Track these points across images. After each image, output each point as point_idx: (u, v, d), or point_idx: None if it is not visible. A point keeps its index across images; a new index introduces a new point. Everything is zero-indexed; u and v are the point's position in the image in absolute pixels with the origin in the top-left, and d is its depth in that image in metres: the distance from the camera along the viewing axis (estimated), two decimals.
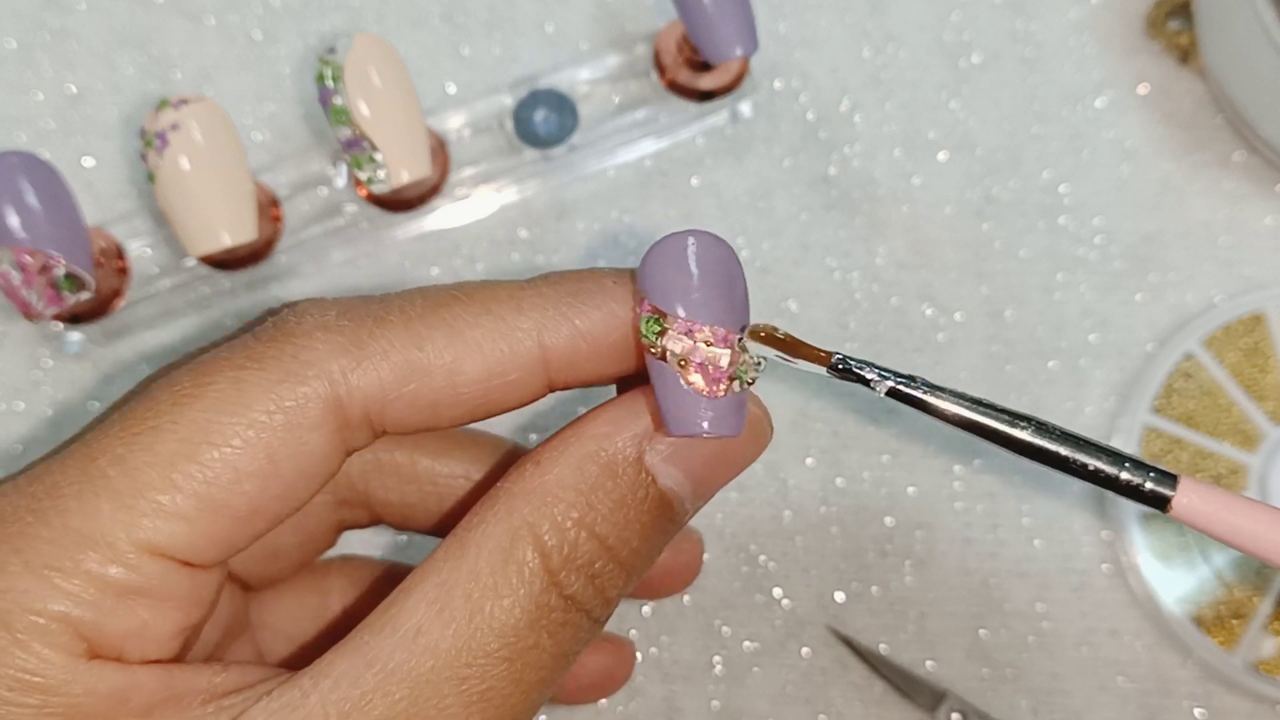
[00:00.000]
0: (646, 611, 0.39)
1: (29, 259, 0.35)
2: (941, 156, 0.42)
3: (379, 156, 0.37)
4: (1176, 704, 0.38)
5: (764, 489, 0.40)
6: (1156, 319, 0.41)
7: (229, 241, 0.37)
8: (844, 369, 0.24)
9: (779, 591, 0.39)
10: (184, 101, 0.36)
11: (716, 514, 0.40)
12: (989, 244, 0.41)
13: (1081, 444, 0.23)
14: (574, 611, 0.24)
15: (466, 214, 0.41)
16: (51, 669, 0.21)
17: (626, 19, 0.43)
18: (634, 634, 0.39)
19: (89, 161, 0.42)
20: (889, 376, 0.24)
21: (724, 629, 0.39)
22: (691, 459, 0.24)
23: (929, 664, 0.39)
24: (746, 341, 0.24)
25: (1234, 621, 0.38)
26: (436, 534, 0.31)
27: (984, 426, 0.23)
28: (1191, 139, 0.42)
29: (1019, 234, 0.41)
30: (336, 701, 0.22)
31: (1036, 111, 0.42)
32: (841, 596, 0.39)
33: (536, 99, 0.40)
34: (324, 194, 0.41)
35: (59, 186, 0.36)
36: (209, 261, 0.39)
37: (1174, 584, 0.38)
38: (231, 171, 0.36)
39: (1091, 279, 0.41)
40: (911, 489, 0.40)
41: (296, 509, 0.23)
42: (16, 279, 0.35)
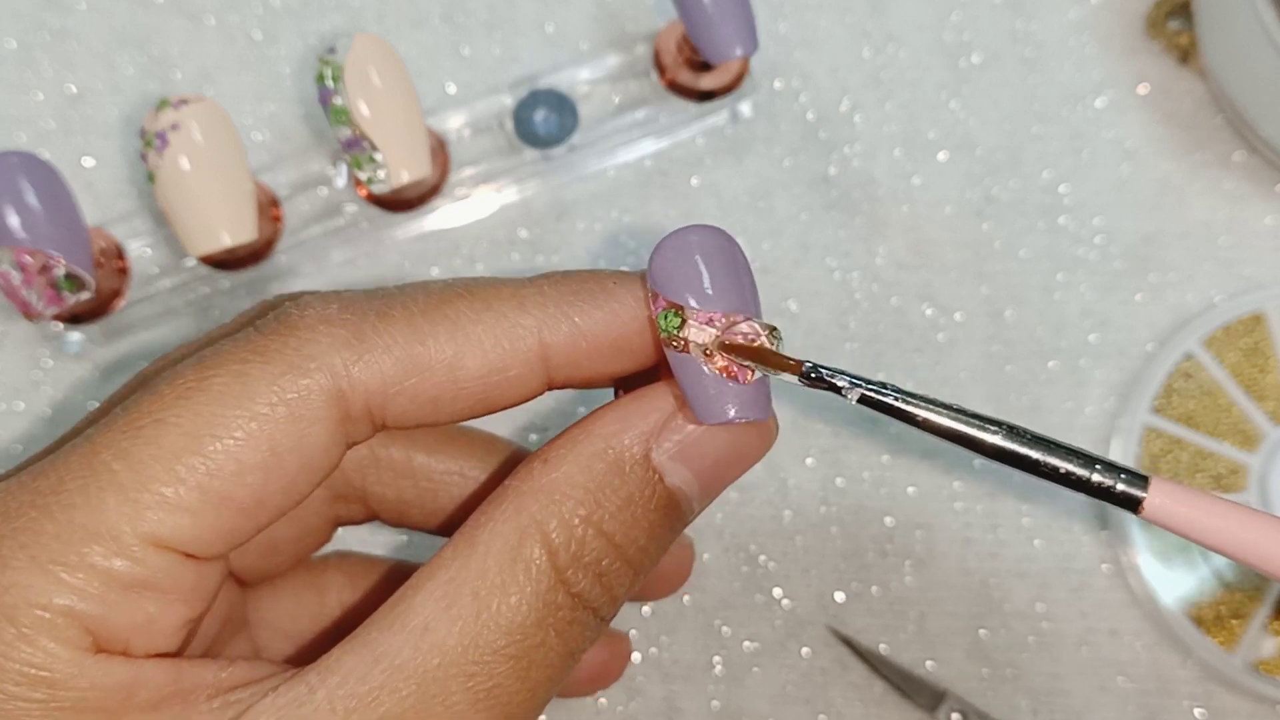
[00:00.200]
0: (646, 611, 0.39)
1: (29, 259, 0.35)
2: (941, 156, 0.42)
3: (379, 156, 0.37)
4: (1176, 704, 0.38)
5: (764, 489, 0.40)
6: (1156, 319, 0.41)
7: (229, 241, 0.37)
8: (815, 377, 0.24)
9: (779, 591, 0.39)
10: (184, 101, 0.36)
11: (716, 514, 0.40)
12: (989, 244, 0.41)
13: (1053, 447, 0.23)
14: (581, 609, 0.24)
15: (466, 214, 0.41)
16: (58, 663, 0.21)
17: (626, 19, 0.43)
18: (634, 634, 0.39)
19: (89, 161, 0.42)
20: (860, 384, 0.24)
21: (724, 629, 0.39)
22: (698, 457, 0.24)
23: (929, 664, 0.39)
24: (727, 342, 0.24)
25: (1234, 621, 0.38)
26: (432, 530, 0.32)
27: (956, 432, 0.23)
28: (1191, 139, 0.42)
29: (1019, 234, 0.41)
30: (344, 698, 0.22)
31: (1036, 111, 0.42)
32: (841, 596, 0.39)
33: (536, 99, 0.40)
34: (324, 194, 0.41)
35: (59, 186, 0.36)
36: (209, 261, 0.39)
37: (1174, 584, 0.38)
38: (231, 171, 0.36)
39: (1091, 279, 0.41)
40: (911, 489, 0.40)
41: (299, 501, 0.23)
42: (16, 279, 0.35)
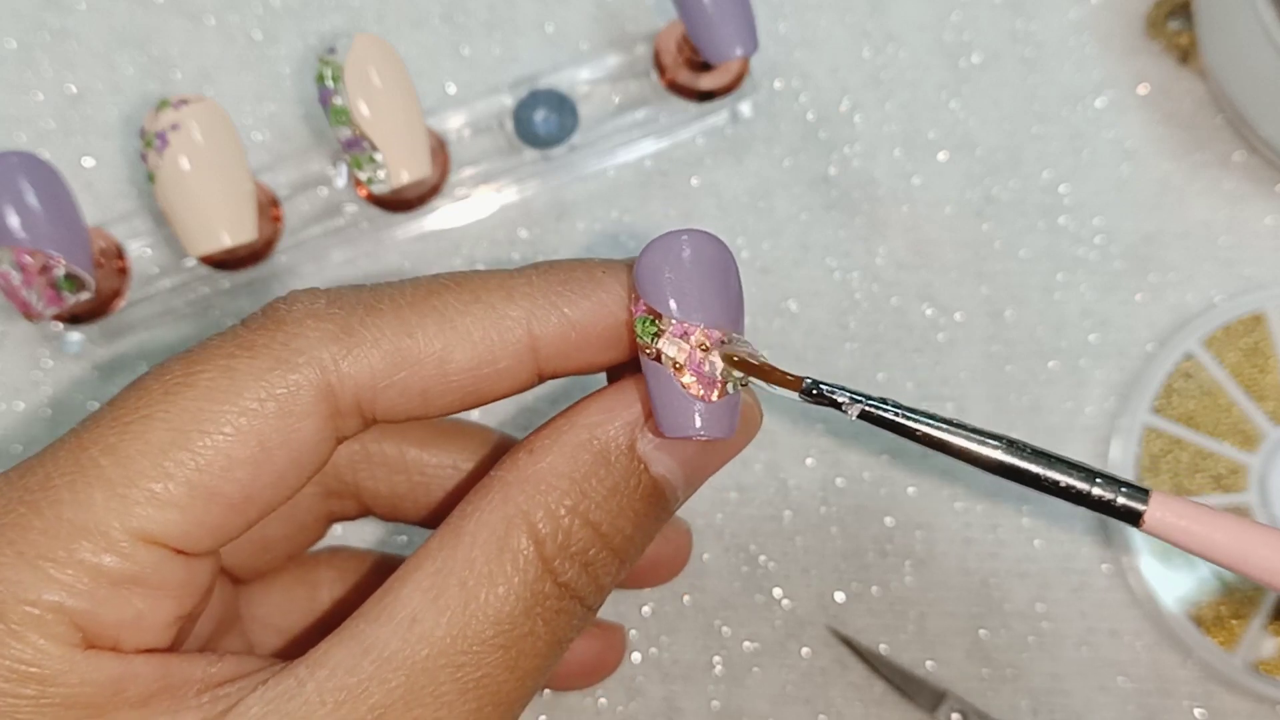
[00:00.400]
0: (646, 611, 0.39)
1: (29, 259, 0.35)
2: (941, 156, 0.42)
3: (379, 156, 0.37)
4: (1176, 704, 0.38)
5: (764, 489, 0.40)
6: (1156, 319, 0.41)
7: (229, 241, 0.37)
8: (816, 394, 0.24)
9: (779, 591, 0.39)
10: (184, 101, 0.36)
11: (716, 514, 0.40)
12: (989, 244, 0.41)
13: (1053, 461, 0.23)
14: (568, 599, 0.24)
15: (466, 214, 0.41)
16: (47, 659, 0.21)
17: (626, 19, 0.43)
18: (634, 634, 0.39)
19: (89, 161, 0.42)
20: (860, 400, 0.24)
21: (724, 629, 0.39)
22: (683, 447, 0.24)
23: (929, 664, 0.39)
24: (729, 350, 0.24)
25: (1234, 621, 0.38)
26: (425, 524, 0.32)
27: (956, 447, 0.23)
28: (1191, 139, 0.42)
29: (1019, 234, 0.41)
30: (333, 690, 0.22)
31: (1036, 111, 0.42)
32: (841, 596, 0.39)
33: (536, 99, 0.40)
34: (324, 194, 0.41)
35: (59, 186, 0.36)
36: (209, 261, 0.39)
37: (1174, 584, 0.38)
38: (231, 171, 0.37)
39: (1091, 279, 0.41)
40: (911, 489, 0.40)
41: (288, 497, 0.23)
42: (16, 279, 0.35)
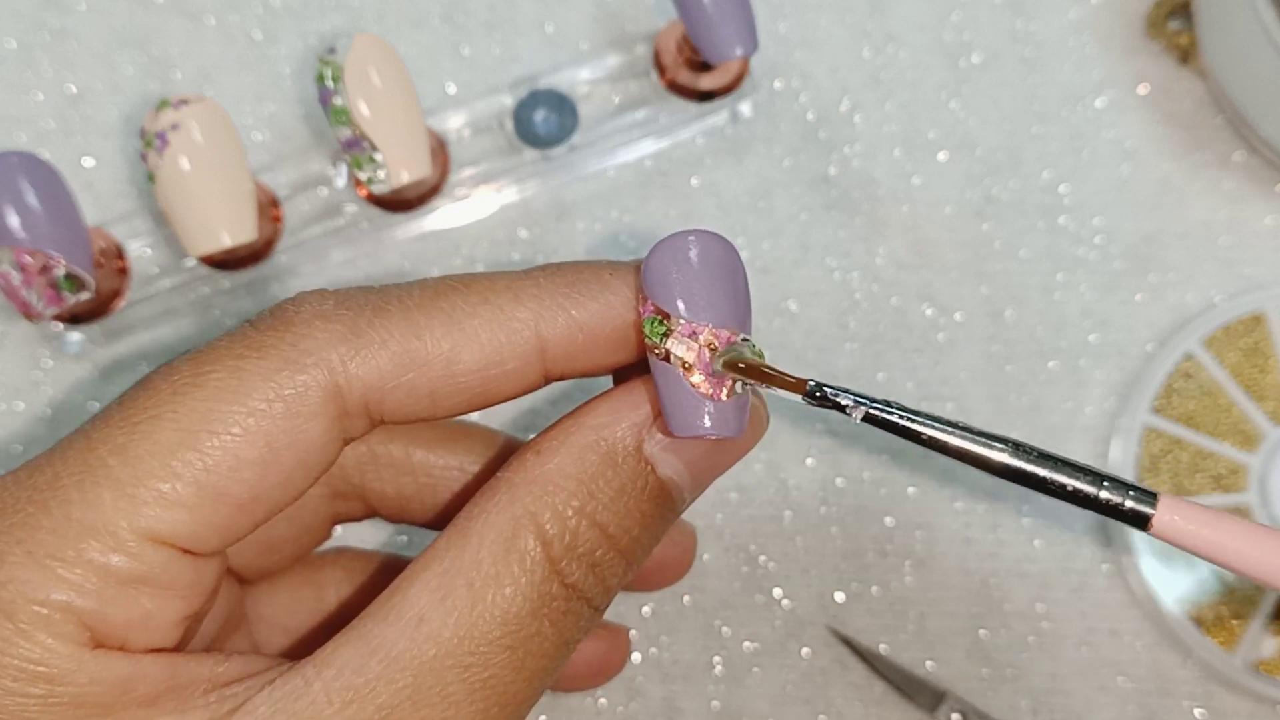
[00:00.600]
0: (646, 611, 0.39)
1: (29, 259, 0.35)
2: (941, 156, 0.42)
3: (379, 156, 0.37)
4: (1176, 704, 0.38)
5: (764, 489, 0.40)
6: (1156, 319, 0.41)
7: (229, 241, 0.37)
8: (820, 396, 0.24)
9: (779, 591, 0.39)
10: (184, 101, 0.36)
11: (716, 514, 0.40)
12: (989, 244, 0.41)
13: (1059, 464, 0.23)
14: (575, 600, 0.24)
15: (466, 214, 0.41)
16: (56, 659, 0.21)
17: (626, 19, 0.43)
18: (634, 634, 0.39)
19: (89, 161, 0.42)
20: (864, 402, 0.24)
21: (724, 629, 0.39)
22: (690, 448, 0.24)
23: (929, 664, 0.39)
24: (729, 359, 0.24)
25: (1234, 621, 0.38)
26: (431, 526, 0.32)
27: (961, 450, 0.23)
28: (1191, 139, 0.42)
29: (1019, 234, 0.41)
30: (340, 690, 0.22)
31: (1036, 111, 0.42)
32: (841, 596, 0.39)
33: (536, 99, 0.40)
34: (324, 194, 0.41)
35: (59, 186, 0.36)
36: (209, 261, 0.39)
37: (1174, 584, 0.38)
38: (231, 171, 0.36)
39: (1091, 279, 0.41)
40: (911, 489, 0.40)
41: (296, 497, 0.23)
42: (16, 279, 0.35)
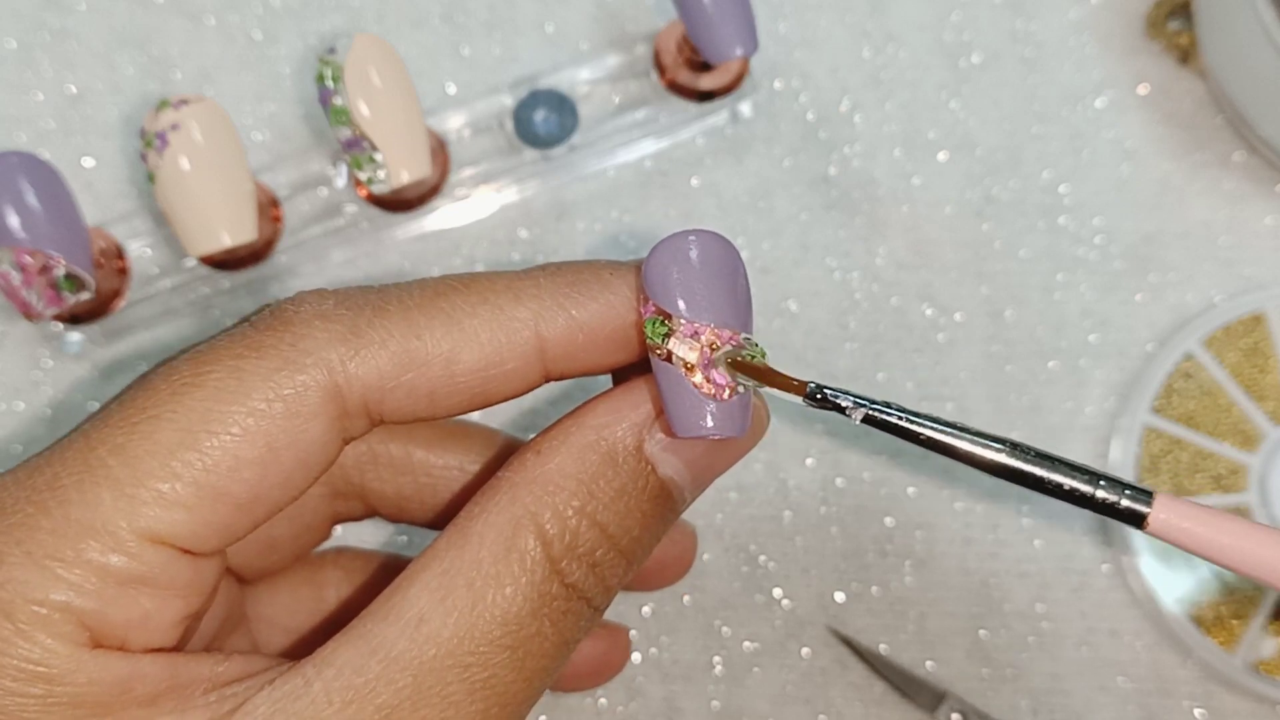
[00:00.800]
0: (646, 611, 0.39)
1: (29, 259, 0.35)
2: (941, 156, 0.42)
3: (379, 156, 0.37)
4: (1176, 704, 0.38)
5: (764, 489, 0.40)
6: (1156, 319, 0.41)
7: (229, 241, 0.37)
8: (820, 398, 0.24)
9: (779, 591, 0.39)
10: (184, 101, 0.36)
11: (716, 514, 0.40)
12: (989, 244, 0.41)
13: (1056, 463, 0.23)
14: (575, 600, 0.24)
15: (466, 214, 0.41)
16: (55, 659, 0.21)
17: (626, 19, 0.43)
18: (634, 634, 0.39)
19: (89, 161, 0.42)
20: (864, 404, 0.24)
21: (724, 629, 0.39)
22: (690, 448, 0.24)
23: (929, 664, 0.39)
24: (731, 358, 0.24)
25: (1234, 621, 0.38)
26: (431, 526, 0.32)
27: (959, 450, 0.24)
28: (1191, 139, 0.42)
29: (1019, 234, 0.41)
30: (340, 689, 0.22)
31: (1036, 111, 0.42)
32: (841, 596, 0.39)
33: (536, 99, 0.40)
34: (324, 194, 0.41)
35: (59, 186, 0.36)
36: (209, 261, 0.39)
37: (1174, 584, 0.38)
38: (231, 171, 0.36)
39: (1091, 279, 0.41)
40: (911, 489, 0.40)
41: (296, 497, 0.23)
42: (16, 279, 0.35)
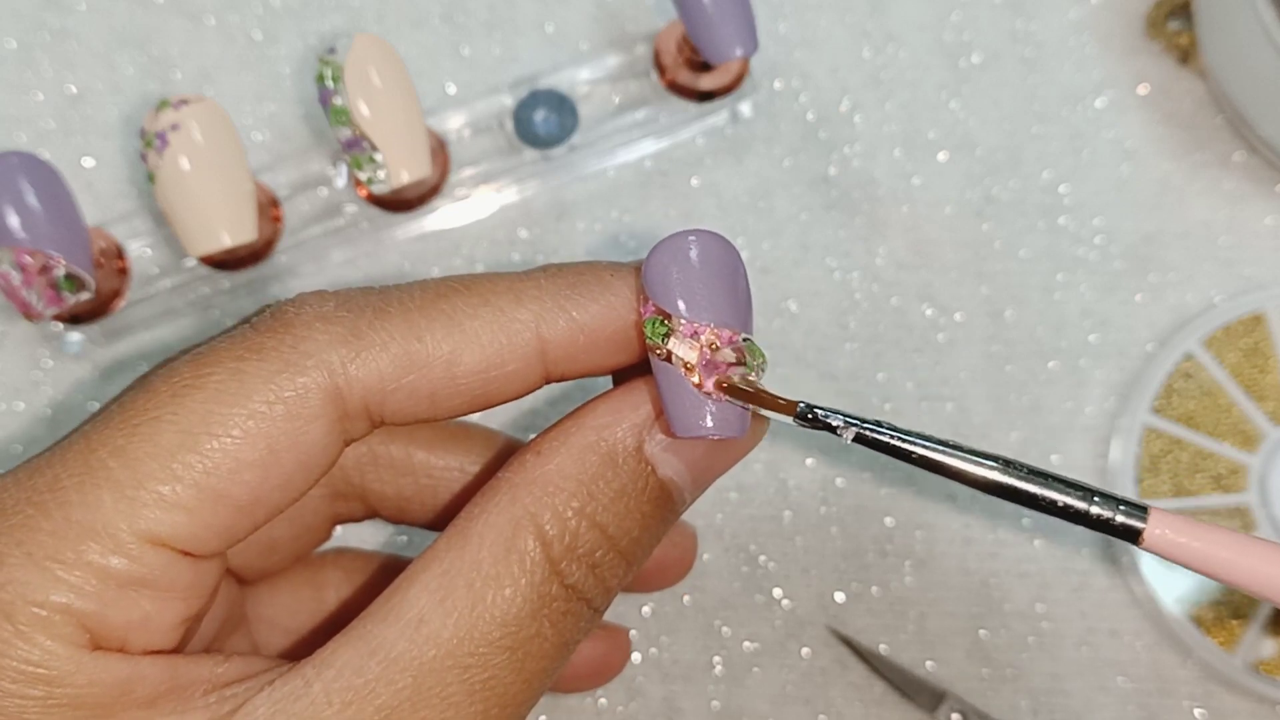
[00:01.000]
0: (646, 611, 0.39)
1: (29, 259, 0.35)
2: (941, 156, 0.42)
3: (379, 156, 0.37)
4: (1176, 704, 0.38)
5: (764, 489, 0.40)
6: (1156, 319, 0.41)
7: (229, 241, 0.37)
8: (810, 418, 0.24)
9: (779, 591, 0.39)
10: (184, 101, 0.36)
11: (716, 514, 0.40)
12: (989, 244, 0.41)
13: (1050, 480, 0.23)
14: (575, 601, 0.24)
15: (466, 214, 0.41)
16: (55, 660, 0.21)
17: (626, 19, 0.43)
18: (634, 634, 0.39)
19: (89, 161, 0.42)
20: (854, 423, 0.24)
21: (724, 629, 0.39)
22: (690, 449, 0.25)
23: (929, 664, 0.39)
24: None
25: (1234, 621, 0.38)
26: (431, 527, 0.32)
27: (951, 468, 0.23)
28: (1191, 139, 0.42)
29: (1019, 234, 0.41)
30: (340, 690, 0.22)
31: (1036, 111, 0.42)
32: (841, 596, 0.39)
33: (536, 99, 0.40)
34: (324, 194, 0.41)
35: (59, 186, 0.36)
36: (209, 261, 0.39)
37: (1174, 584, 0.38)
38: (231, 171, 0.36)
39: (1091, 279, 0.41)
40: (911, 489, 0.40)
41: (296, 499, 0.23)
42: (16, 279, 0.35)
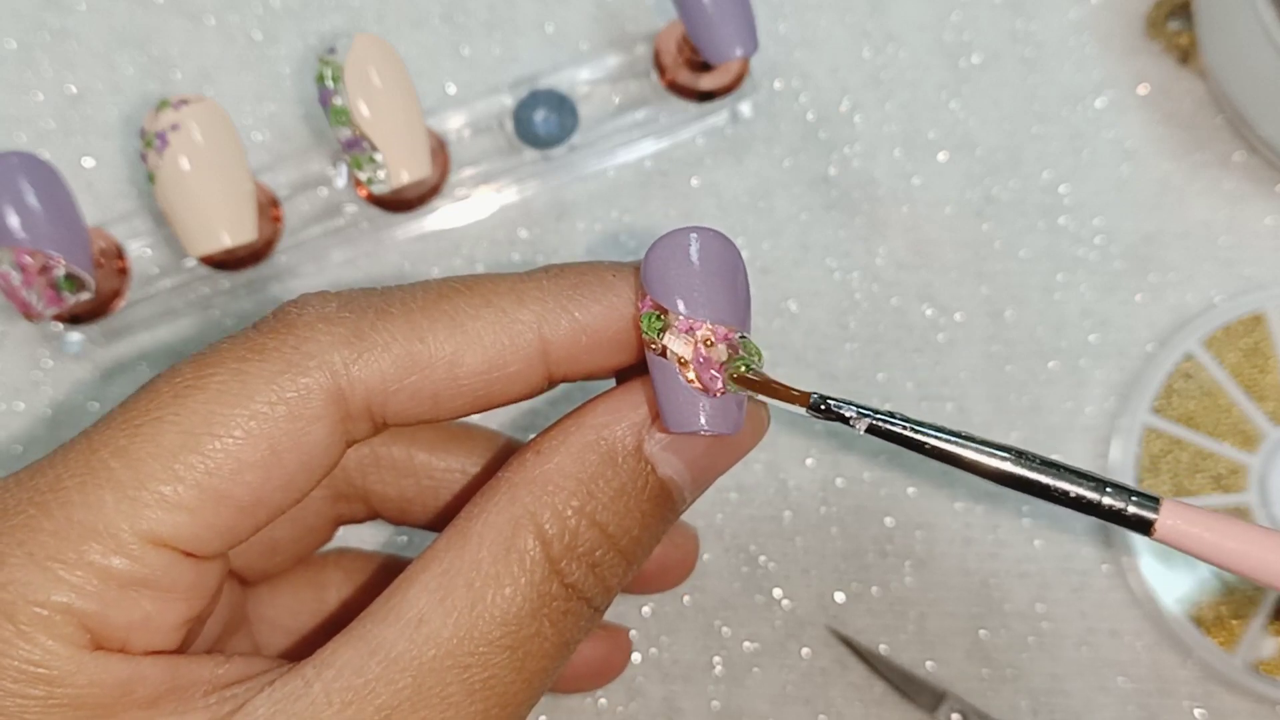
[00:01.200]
0: (646, 611, 0.39)
1: (29, 259, 0.35)
2: (941, 156, 0.42)
3: (379, 157, 0.37)
4: (1176, 704, 0.38)
5: (764, 489, 0.40)
6: (1156, 319, 0.41)
7: (229, 242, 0.37)
8: (824, 409, 0.24)
9: (779, 591, 0.39)
10: (184, 101, 0.36)
11: (716, 514, 0.40)
12: (989, 244, 0.41)
13: (1062, 471, 0.23)
14: (575, 600, 0.24)
15: (466, 214, 0.41)
16: (56, 660, 0.21)
17: (626, 19, 0.43)
18: (634, 634, 0.39)
19: (89, 161, 0.42)
20: (868, 414, 0.24)
21: (724, 629, 0.39)
22: (690, 448, 0.24)
23: (929, 664, 0.39)
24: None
25: (1234, 621, 0.38)
26: (433, 528, 0.32)
27: (965, 459, 0.24)
28: (1191, 139, 0.42)
29: (1019, 234, 0.41)
30: (340, 690, 0.22)
31: (1036, 111, 0.42)
32: (841, 597, 0.39)
33: (536, 99, 0.40)
34: (324, 194, 0.41)
35: (59, 186, 0.36)
36: (209, 261, 0.39)
37: (1174, 584, 0.38)
38: (231, 171, 0.36)
39: (1091, 279, 0.41)
40: (911, 489, 0.40)
41: (298, 500, 0.23)
42: (16, 279, 0.35)
